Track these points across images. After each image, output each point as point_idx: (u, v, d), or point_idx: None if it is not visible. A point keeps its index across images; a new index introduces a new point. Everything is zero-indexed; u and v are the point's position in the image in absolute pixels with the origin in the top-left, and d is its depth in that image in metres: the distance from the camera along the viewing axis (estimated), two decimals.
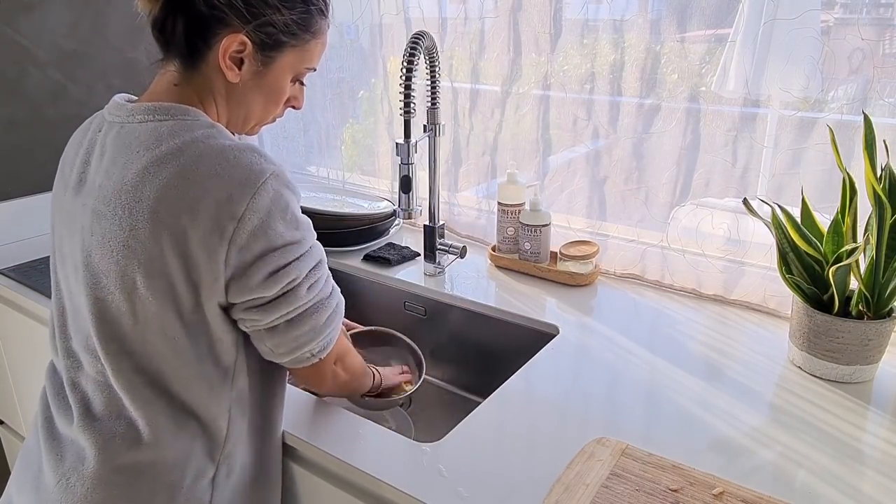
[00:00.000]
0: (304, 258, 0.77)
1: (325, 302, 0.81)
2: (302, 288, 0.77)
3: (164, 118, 0.76)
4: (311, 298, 0.78)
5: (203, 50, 0.78)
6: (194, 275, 0.72)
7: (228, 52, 0.77)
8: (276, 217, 0.73)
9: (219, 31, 0.77)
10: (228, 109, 0.83)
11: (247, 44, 0.78)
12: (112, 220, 0.73)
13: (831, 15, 1.00)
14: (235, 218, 0.71)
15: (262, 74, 0.81)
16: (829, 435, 0.85)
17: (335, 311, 0.83)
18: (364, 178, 1.71)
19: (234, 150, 0.74)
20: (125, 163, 0.74)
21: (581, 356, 1.05)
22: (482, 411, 0.91)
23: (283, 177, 0.76)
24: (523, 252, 1.34)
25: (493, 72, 1.38)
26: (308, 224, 0.79)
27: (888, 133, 0.97)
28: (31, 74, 1.57)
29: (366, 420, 0.90)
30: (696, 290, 1.24)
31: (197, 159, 0.72)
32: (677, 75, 1.15)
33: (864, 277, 0.93)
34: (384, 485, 0.78)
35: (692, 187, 1.20)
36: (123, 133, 0.77)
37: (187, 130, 0.75)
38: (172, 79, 0.80)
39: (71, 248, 0.80)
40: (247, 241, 0.72)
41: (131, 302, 0.74)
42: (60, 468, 0.79)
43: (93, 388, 0.79)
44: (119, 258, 0.73)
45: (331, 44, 1.64)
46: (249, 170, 0.73)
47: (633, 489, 0.74)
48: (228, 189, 0.71)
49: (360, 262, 1.43)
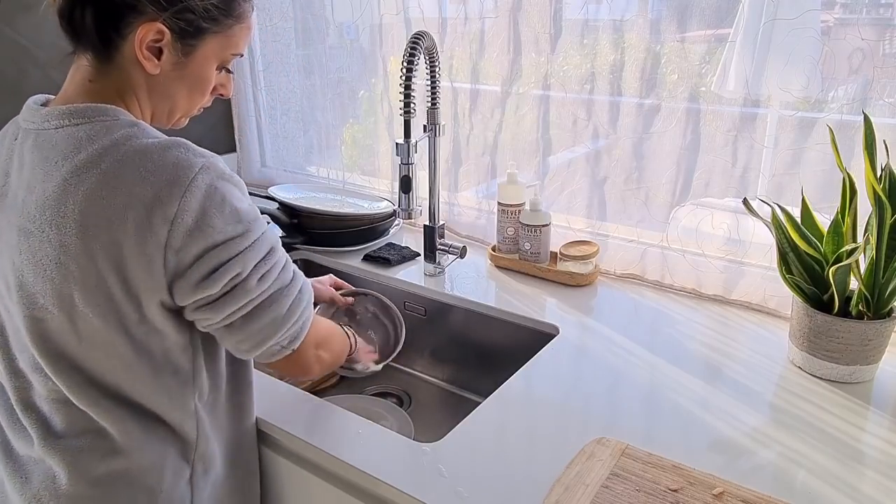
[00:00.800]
0: (248, 251, 0.72)
1: (285, 290, 0.76)
2: (250, 281, 0.72)
3: (81, 121, 0.71)
4: (266, 290, 0.74)
5: (117, 41, 0.72)
6: (134, 286, 0.69)
7: (145, 42, 0.72)
8: (212, 213, 0.69)
9: (132, 21, 0.71)
10: (151, 103, 0.78)
11: (164, 32, 0.72)
12: (40, 237, 0.69)
13: (831, 15, 1.00)
14: (168, 220, 0.67)
15: (183, 64, 0.76)
16: (829, 435, 0.85)
17: (298, 299, 0.78)
18: (364, 178, 1.71)
19: (159, 149, 0.69)
20: (45, 175, 0.70)
21: (581, 356, 1.05)
22: (482, 411, 0.91)
23: (216, 168, 0.71)
24: (523, 252, 1.34)
25: (493, 72, 1.37)
26: (251, 214, 0.73)
27: (888, 133, 0.97)
28: (31, 74, 1.57)
29: (366, 420, 0.90)
30: (696, 290, 1.24)
31: (119, 163, 0.68)
32: (677, 75, 1.15)
33: (864, 277, 0.93)
34: (384, 485, 0.78)
35: (692, 187, 1.20)
36: (40, 141, 0.72)
37: (106, 133, 0.70)
38: (87, 74, 0.75)
39: (2, 268, 0.74)
40: (183, 243, 0.68)
41: (72, 321, 0.70)
42: (28, 489, 0.76)
43: (49, 407, 0.75)
44: (53, 276, 0.69)
45: (331, 44, 1.65)
46: (176, 167, 0.68)
47: (633, 489, 0.74)
48: (156, 190, 0.67)
49: (360, 263, 1.43)
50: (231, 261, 0.71)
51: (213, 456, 0.82)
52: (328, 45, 1.65)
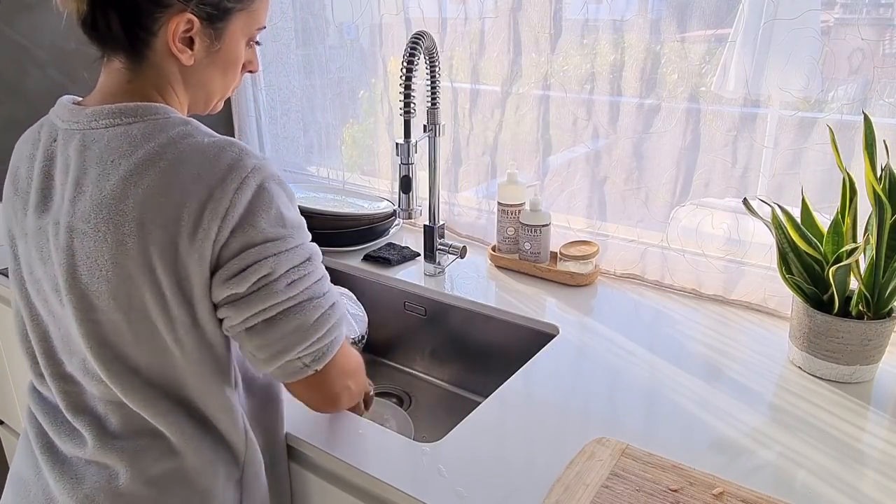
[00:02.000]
0: (284, 254, 0.71)
1: (315, 301, 0.73)
2: (279, 283, 0.71)
3: (133, 119, 0.71)
4: (294, 296, 0.72)
5: (147, 39, 0.72)
6: (187, 285, 0.69)
7: (177, 35, 0.72)
8: (258, 212, 0.70)
9: (159, 16, 0.71)
10: (188, 93, 0.78)
11: (193, 21, 0.72)
12: (95, 237, 0.68)
13: (831, 15, 1.00)
14: (219, 216, 0.68)
15: (215, 49, 0.76)
16: (829, 435, 0.85)
17: (328, 314, 0.75)
18: (364, 178, 1.71)
19: (214, 148, 0.70)
20: (100, 174, 0.69)
21: (581, 356, 1.05)
22: (482, 411, 0.91)
23: (268, 170, 0.71)
24: (523, 252, 1.34)
25: (493, 72, 1.38)
26: (295, 221, 0.74)
27: (888, 133, 0.97)
28: (31, 74, 1.57)
29: (366, 420, 0.90)
30: (696, 290, 1.24)
31: (177, 162, 0.68)
32: (677, 75, 1.15)
33: (864, 277, 0.93)
34: (384, 485, 0.78)
35: (692, 187, 1.20)
36: (88, 141, 0.72)
37: (161, 131, 0.71)
38: (123, 76, 0.74)
39: (46, 271, 0.74)
40: (227, 238, 0.69)
41: (129, 320, 0.70)
42: (80, 491, 0.75)
43: (104, 408, 0.75)
44: (110, 276, 0.68)
45: (331, 44, 1.65)
46: (231, 166, 0.69)
47: (634, 489, 0.74)
48: (210, 188, 0.68)
49: (360, 262, 1.43)
50: (264, 260, 0.70)
51: (259, 460, 0.82)
52: (328, 45, 1.65)
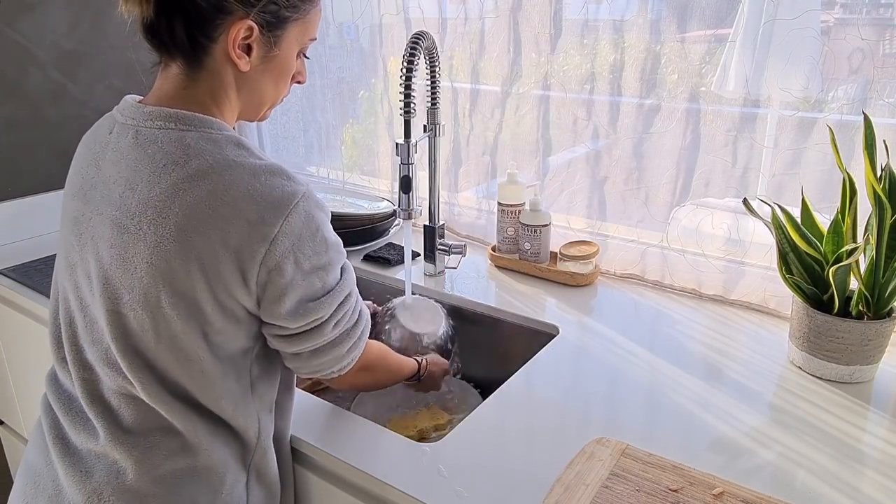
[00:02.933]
0: (334, 293, 0.77)
1: (350, 332, 0.81)
2: (328, 325, 0.77)
3: (187, 128, 0.73)
4: (336, 333, 0.79)
5: (207, 45, 0.74)
6: (222, 295, 0.71)
7: (237, 41, 0.74)
8: (306, 239, 0.73)
9: (221, 23, 0.73)
10: (241, 100, 0.80)
11: (253, 28, 0.74)
12: (136, 234, 0.70)
13: (831, 15, 1.00)
14: (267, 240, 0.70)
15: (270, 57, 0.78)
16: (829, 435, 0.85)
17: (359, 339, 0.83)
18: (364, 178, 1.71)
19: (266, 172, 0.73)
20: (151, 175, 0.71)
21: (581, 356, 1.05)
22: (482, 411, 0.91)
23: (313, 197, 0.75)
24: (523, 252, 1.34)
25: (493, 72, 1.38)
26: (337, 245, 0.78)
27: (888, 133, 0.97)
28: (31, 74, 1.57)
29: (365, 420, 0.90)
30: (696, 290, 1.24)
31: (229, 180, 0.70)
32: (677, 75, 1.15)
33: (864, 277, 0.93)
34: (384, 485, 0.78)
35: (692, 187, 1.20)
36: (141, 139, 0.74)
37: (216, 146, 0.73)
38: (180, 82, 0.76)
39: (83, 257, 0.76)
40: (277, 263, 0.71)
41: (154, 320, 0.71)
42: (88, 484, 0.75)
43: (118, 401, 0.76)
44: (142, 275, 0.70)
45: (331, 44, 1.65)
46: (282, 191, 0.72)
47: (634, 489, 0.74)
48: (260, 211, 0.70)
49: (360, 262, 1.43)
50: (318, 300, 0.75)
51: (269, 464, 0.83)
52: (328, 45, 1.65)
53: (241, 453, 0.80)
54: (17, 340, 1.45)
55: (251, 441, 0.80)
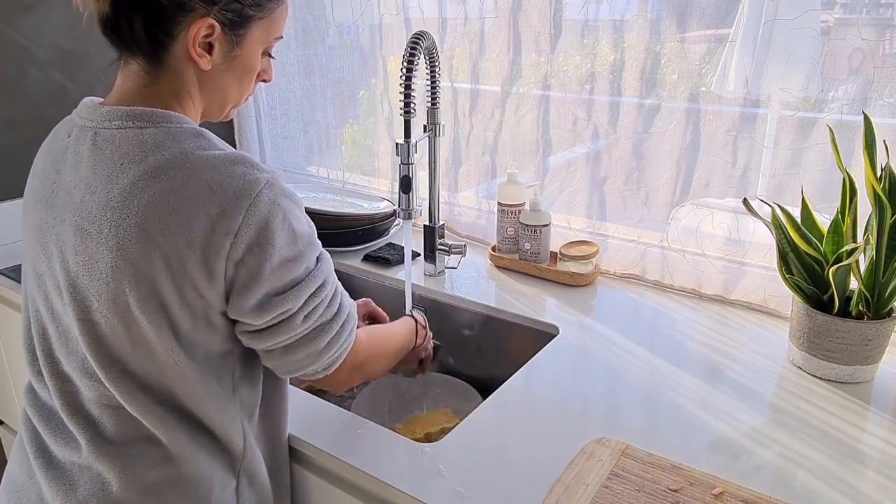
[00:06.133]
0: (303, 284, 0.73)
1: (327, 326, 0.77)
2: (296, 318, 0.73)
3: (145, 125, 0.71)
4: (308, 327, 0.75)
5: (167, 43, 0.72)
6: (190, 295, 0.69)
7: (198, 39, 0.72)
8: (274, 229, 0.70)
9: (182, 20, 0.71)
10: (203, 99, 0.78)
11: (215, 27, 0.72)
12: (98, 238, 0.68)
13: (831, 15, 1.00)
14: (232, 232, 0.68)
15: (233, 56, 0.76)
16: (829, 435, 0.85)
17: (339, 333, 0.79)
18: (364, 178, 1.71)
19: (226, 162, 0.70)
20: (109, 176, 0.69)
21: (581, 356, 1.05)
22: (482, 411, 0.91)
23: (278, 185, 0.72)
24: (523, 252, 1.34)
25: (493, 72, 1.37)
26: (307, 235, 0.74)
27: (888, 133, 0.97)
28: (31, 74, 1.57)
29: (365, 420, 0.90)
30: (696, 290, 1.24)
31: (188, 174, 0.68)
32: (677, 75, 1.15)
33: (864, 277, 0.93)
34: (384, 485, 0.78)
35: (692, 187, 1.20)
36: (100, 140, 0.72)
37: (173, 140, 0.71)
38: (140, 79, 0.74)
39: (50, 266, 0.74)
40: (244, 256, 0.69)
41: (126, 325, 0.69)
42: (72, 498, 0.74)
43: (99, 411, 0.75)
44: (108, 280, 0.68)
45: (331, 44, 1.65)
46: (243, 180, 0.69)
47: (634, 489, 0.74)
48: (222, 203, 0.68)
49: (360, 262, 1.43)
50: (285, 293, 0.72)
51: (258, 468, 0.82)
52: (328, 45, 1.65)
53: (228, 459, 0.78)
54: (17, 340, 1.45)
55: (237, 446, 0.78)
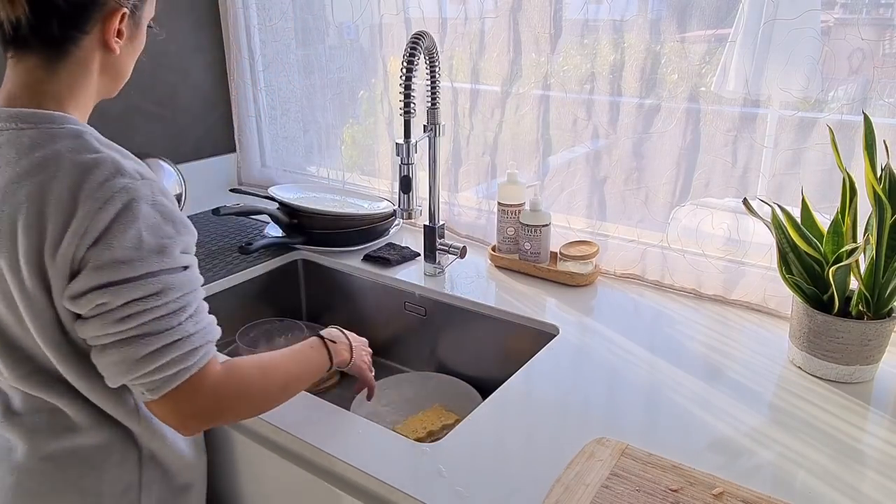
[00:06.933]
0: (128, 285, 0.69)
1: (150, 337, 0.70)
2: (113, 315, 0.70)
3: (26, 126, 0.72)
4: (124, 330, 0.70)
5: (77, 38, 0.74)
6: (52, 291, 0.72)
7: (115, 29, 0.75)
8: (116, 232, 0.69)
9: (95, 14, 0.74)
10: (101, 83, 0.80)
11: (125, 14, 0.76)
12: None
13: (831, 15, 1.00)
14: (79, 234, 0.69)
15: (133, 37, 0.80)
16: (829, 435, 0.85)
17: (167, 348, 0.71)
18: (364, 178, 1.71)
19: (91, 165, 0.70)
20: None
21: (581, 356, 1.05)
22: (482, 411, 0.91)
23: (138, 191, 0.71)
24: (523, 252, 1.34)
25: (493, 72, 1.38)
26: (154, 247, 0.71)
27: (888, 133, 0.97)
28: None
29: (365, 420, 0.90)
30: (696, 290, 1.24)
31: (56, 175, 0.70)
32: (677, 75, 1.15)
33: (864, 277, 0.93)
34: (384, 485, 0.78)
35: (692, 187, 1.20)
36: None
37: (51, 140, 0.72)
38: (36, 76, 0.74)
39: None
40: (84, 255, 0.69)
41: (16, 316, 0.74)
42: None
43: (10, 390, 0.80)
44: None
45: (331, 44, 1.65)
46: (101, 185, 0.70)
47: (634, 489, 0.74)
48: (77, 204, 0.69)
49: (360, 263, 1.43)
50: (104, 288, 0.69)
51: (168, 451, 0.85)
52: (328, 45, 1.65)
53: (129, 434, 0.82)
54: None
55: (134, 422, 0.82)
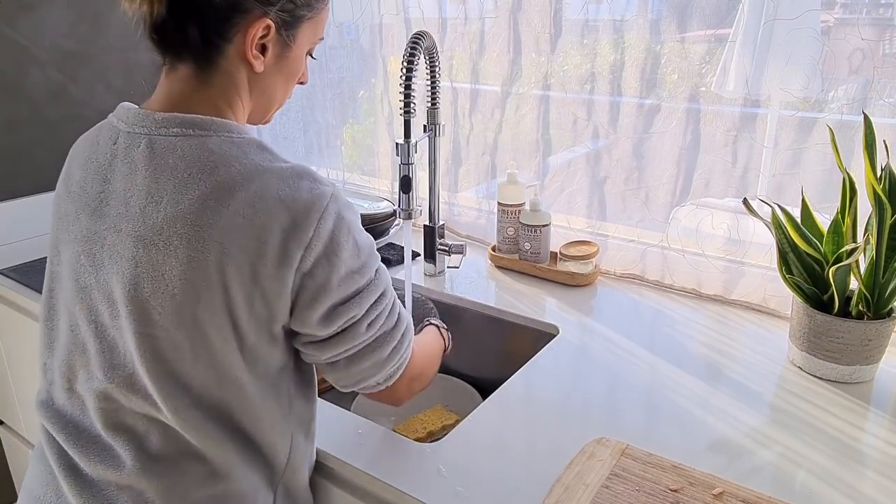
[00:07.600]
0: (366, 293, 0.73)
1: (389, 335, 0.77)
2: (361, 325, 0.73)
3: (206, 133, 0.70)
4: (372, 335, 0.75)
5: (221, 45, 0.71)
6: (260, 306, 0.68)
7: (255, 41, 0.71)
8: (340, 241, 0.70)
9: (238, 22, 0.70)
10: (252, 102, 0.77)
11: (270, 27, 0.72)
12: (165, 250, 0.66)
13: (831, 15, 1.00)
14: (303, 245, 0.67)
15: (283, 57, 0.76)
16: (829, 435, 0.85)
17: (400, 342, 0.78)
18: (364, 178, 1.71)
19: (294, 176, 0.70)
20: (176, 186, 0.67)
21: (581, 356, 1.05)
22: (482, 411, 0.91)
23: (341, 198, 0.72)
24: (523, 252, 1.34)
25: (493, 72, 1.38)
26: (369, 247, 0.74)
27: (888, 133, 0.97)
28: (31, 74, 1.57)
29: (365, 419, 0.90)
30: (696, 290, 1.24)
31: (260, 186, 0.67)
32: (677, 75, 1.15)
33: (864, 277, 0.93)
34: (384, 484, 0.78)
35: (692, 187, 1.20)
36: (158, 148, 0.69)
37: (240, 151, 0.70)
38: (190, 84, 0.73)
39: (99, 278, 0.71)
40: (311, 268, 0.68)
41: (190, 340, 0.68)
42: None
43: (145, 427, 0.72)
44: (176, 292, 0.66)
45: (331, 44, 1.65)
46: (311, 195, 0.69)
47: (634, 489, 0.74)
48: (294, 216, 0.67)
49: None
50: (349, 302, 0.72)
51: (296, 482, 0.81)
52: (328, 45, 1.65)
53: (269, 473, 0.77)
54: (17, 340, 1.45)
55: (281, 462, 0.77)
